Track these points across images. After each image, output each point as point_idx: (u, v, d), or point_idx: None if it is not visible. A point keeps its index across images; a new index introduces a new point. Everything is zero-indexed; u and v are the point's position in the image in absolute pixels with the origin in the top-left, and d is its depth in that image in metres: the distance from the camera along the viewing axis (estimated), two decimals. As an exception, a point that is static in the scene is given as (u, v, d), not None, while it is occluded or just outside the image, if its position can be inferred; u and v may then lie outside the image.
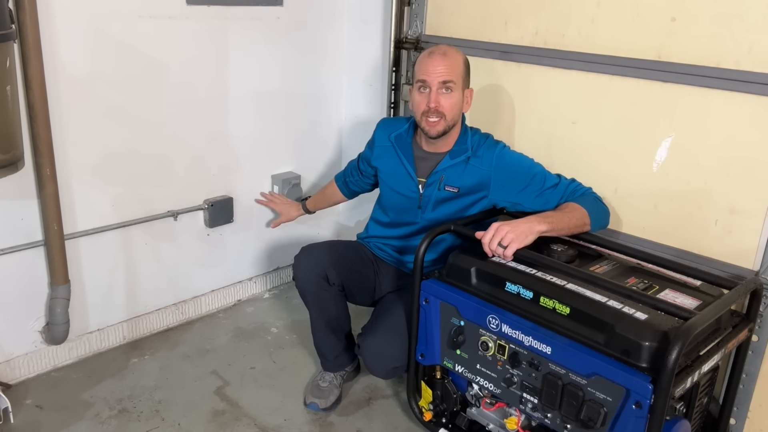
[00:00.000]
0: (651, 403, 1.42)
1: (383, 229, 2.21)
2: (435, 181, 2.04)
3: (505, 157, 2.02)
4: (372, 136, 2.23)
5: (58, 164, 2.05)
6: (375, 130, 2.22)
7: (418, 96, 1.96)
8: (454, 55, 1.95)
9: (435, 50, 1.95)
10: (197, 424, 2.06)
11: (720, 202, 1.85)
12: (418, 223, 2.10)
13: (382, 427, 2.11)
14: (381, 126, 2.22)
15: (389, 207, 2.18)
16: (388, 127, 2.18)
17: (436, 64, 1.91)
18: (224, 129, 2.55)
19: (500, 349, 1.73)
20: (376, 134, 2.21)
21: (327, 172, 2.97)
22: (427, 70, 1.92)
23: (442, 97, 1.92)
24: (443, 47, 1.96)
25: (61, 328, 2.19)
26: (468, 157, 2.01)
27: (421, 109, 1.95)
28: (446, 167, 2.03)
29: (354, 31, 2.83)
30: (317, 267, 2.02)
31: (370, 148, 2.22)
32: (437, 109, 1.92)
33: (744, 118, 1.77)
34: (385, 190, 2.18)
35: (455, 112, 1.96)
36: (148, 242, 2.44)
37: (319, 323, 2.12)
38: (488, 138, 2.07)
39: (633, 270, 1.81)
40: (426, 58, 1.95)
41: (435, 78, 1.91)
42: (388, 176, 2.14)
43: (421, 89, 1.95)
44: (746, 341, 1.77)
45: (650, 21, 1.89)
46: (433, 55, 1.94)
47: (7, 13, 1.72)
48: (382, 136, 2.17)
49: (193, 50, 2.36)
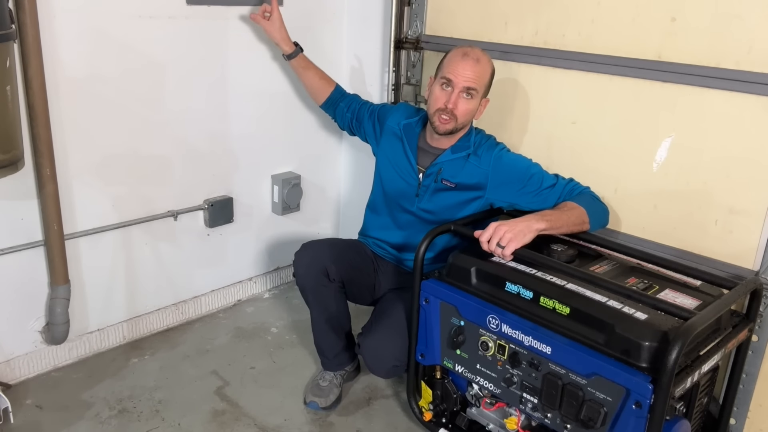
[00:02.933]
0: (651, 403, 1.42)
1: (378, 218, 2.22)
2: (433, 173, 2.06)
3: (503, 158, 2.02)
4: (388, 110, 2.26)
5: (58, 164, 2.05)
6: (393, 109, 2.25)
7: (438, 91, 1.96)
8: (486, 64, 1.96)
9: (470, 53, 1.93)
10: (197, 424, 2.06)
11: (720, 202, 1.85)
12: (414, 212, 2.11)
13: (382, 427, 2.11)
14: (400, 110, 2.24)
15: (386, 191, 2.18)
16: (403, 113, 2.21)
17: (466, 68, 1.91)
18: (224, 129, 2.55)
19: (500, 349, 1.73)
20: (391, 114, 2.23)
21: (327, 172, 2.97)
22: (456, 71, 1.92)
23: (462, 101, 1.93)
24: (478, 52, 1.95)
25: (61, 328, 2.19)
26: (468, 154, 2.02)
27: (438, 105, 1.95)
28: (446, 160, 2.04)
29: (354, 31, 2.82)
30: (318, 263, 2.03)
31: (381, 121, 2.24)
32: (453, 110, 1.93)
33: (744, 118, 1.77)
34: (385, 172, 2.19)
35: (468, 117, 1.98)
36: (148, 242, 2.44)
37: (319, 320, 2.12)
38: (490, 139, 2.08)
39: (633, 270, 1.81)
40: (459, 58, 1.93)
41: (461, 81, 1.91)
42: (389, 160, 2.16)
43: (444, 86, 1.95)
44: (746, 341, 1.77)
45: (650, 21, 1.89)
46: (467, 57, 1.92)
47: (7, 13, 1.72)
48: (395, 119, 2.20)
49: (193, 50, 2.36)
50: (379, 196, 2.23)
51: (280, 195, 2.78)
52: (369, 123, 2.29)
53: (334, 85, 2.39)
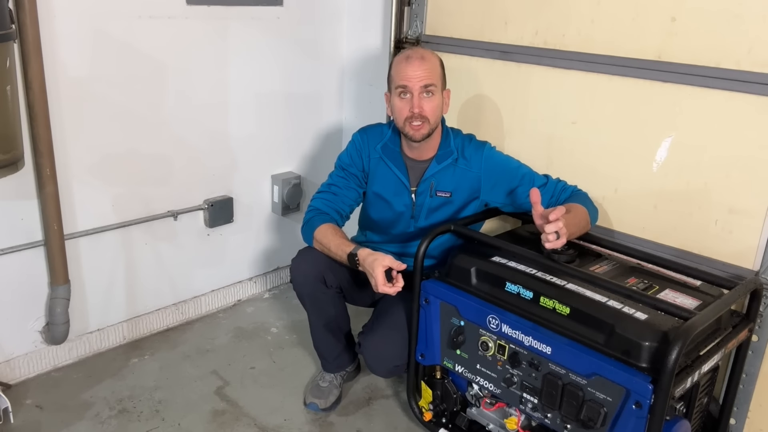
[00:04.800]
0: (651, 403, 1.42)
1: (374, 236, 2.19)
2: (426, 189, 2.03)
3: (494, 157, 2.02)
4: (354, 143, 2.10)
5: (58, 164, 2.05)
6: (357, 139, 2.10)
7: (399, 102, 1.93)
8: (431, 58, 1.93)
9: (412, 54, 1.92)
10: (197, 424, 2.06)
11: (720, 202, 1.85)
12: (412, 232, 2.09)
13: (382, 427, 2.11)
14: (363, 136, 2.10)
15: (380, 221, 2.13)
16: (370, 137, 2.09)
17: (415, 69, 1.89)
18: (224, 129, 2.55)
19: (500, 349, 1.73)
20: (361, 143, 2.09)
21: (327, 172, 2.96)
22: (406, 75, 1.90)
23: (425, 102, 1.91)
24: (419, 50, 1.95)
25: (61, 328, 2.19)
26: (455, 159, 2.01)
27: (404, 115, 1.93)
28: (435, 173, 2.02)
29: (354, 31, 2.82)
30: (314, 270, 2.00)
31: (359, 154, 2.09)
32: (421, 113, 1.91)
33: (744, 118, 1.77)
34: (377, 203, 2.11)
35: (438, 114, 1.95)
36: (148, 242, 2.44)
37: (317, 325, 2.11)
38: (472, 139, 2.06)
39: (633, 270, 1.81)
40: (404, 63, 1.91)
41: (416, 83, 1.89)
42: (382, 188, 2.08)
43: (401, 95, 1.92)
44: (746, 341, 1.77)
45: (650, 21, 1.89)
46: (411, 59, 1.90)
47: (7, 13, 1.72)
48: (369, 146, 2.08)
49: (193, 50, 2.36)
50: (372, 222, 2.17)
51: (280, 195, 2.78)
52: (354, 171, 2.10)
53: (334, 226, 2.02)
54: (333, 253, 1.94)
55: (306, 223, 2.04)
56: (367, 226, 2.22)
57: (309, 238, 2.02)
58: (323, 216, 2.02)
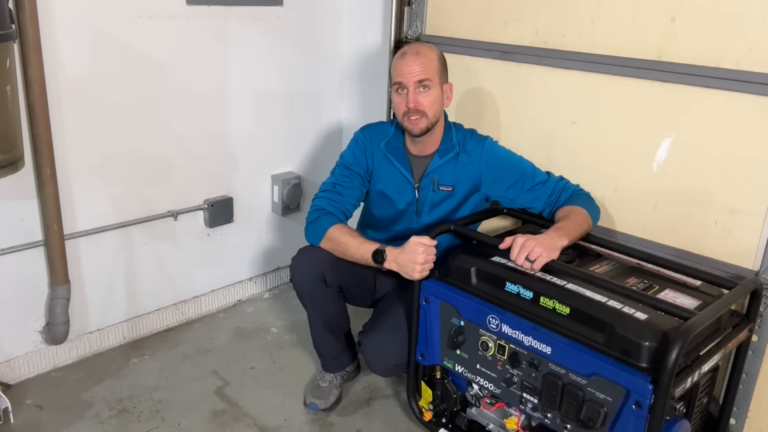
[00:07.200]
0: (651, 403, 1.42)
1: (375, 234, 2.18)
2: (428, 184, 2.04)
3: (495, 152, 2.03)
4: (357, 142, 2.10)
5: (58, 164, 2.05)
6: (360, 137, 2.10)
7: (396, 98, 1.96)
8: (427, 53, 1.94)
9: (407, 50, 1.94)
10: (197, 424, 2.06)
11: (720, 202, 1.85)
12: (415, 228, 2.10)
13: (382, 427, 2.11)
14: (366, 134, 2.11)
15: (383, 218, 2.14)
16: (373, 135, 2.10)
17: (410, 65, 1.90)
18: (224, 129, 2.55)
19: (500, 349, 1.73)
20: (364, 141, 2.09)
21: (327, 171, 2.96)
22: (401, 72, 1.92)
23: (420, 96, 1.92)
24: (416, 46, 1.96)
25: (61, 328, 2.19)
26: (457, 153, 2.02)
27: (401, 110, 1.95)
28: (437, 167, 2.03)
29: (354, 31, 2.82)
30: (314, 269, 2.00)
31: (363, 153, 2.08)
32: (417, 108, 1.92)
33: (744, 118, 1.77)
34: (380, 200, 2.12)
35: (436, 108, 1.95)
36: (148, 242, 2.44)
37: (317, 325, 2.11)
38: (474, 133, 2.07)
39: (633, 270, 1.81)
40: (399, 59, 1.94)
41: (410, 78, 1.90)
42: (386, 185, 2.09)
43: (398, 91, 1.94)
44: (746, 341, 1.77)
45: (650, 21, 1.89)
46: (406, 55, 1.92)
47: (7, 13, 1.72)
48: (372, 144, 2.08)
49: (193, 50, 2.36)
50: (375, 219, 2.18)
51: (280, 195, 2.78)
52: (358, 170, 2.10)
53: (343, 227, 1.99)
54: (351, 253, 1.93)
55: (312, 223, 2.03)
56: (369, 224, 2.22)
57: (316, 238, 2.00)
58: (330, 217, 2.01)
